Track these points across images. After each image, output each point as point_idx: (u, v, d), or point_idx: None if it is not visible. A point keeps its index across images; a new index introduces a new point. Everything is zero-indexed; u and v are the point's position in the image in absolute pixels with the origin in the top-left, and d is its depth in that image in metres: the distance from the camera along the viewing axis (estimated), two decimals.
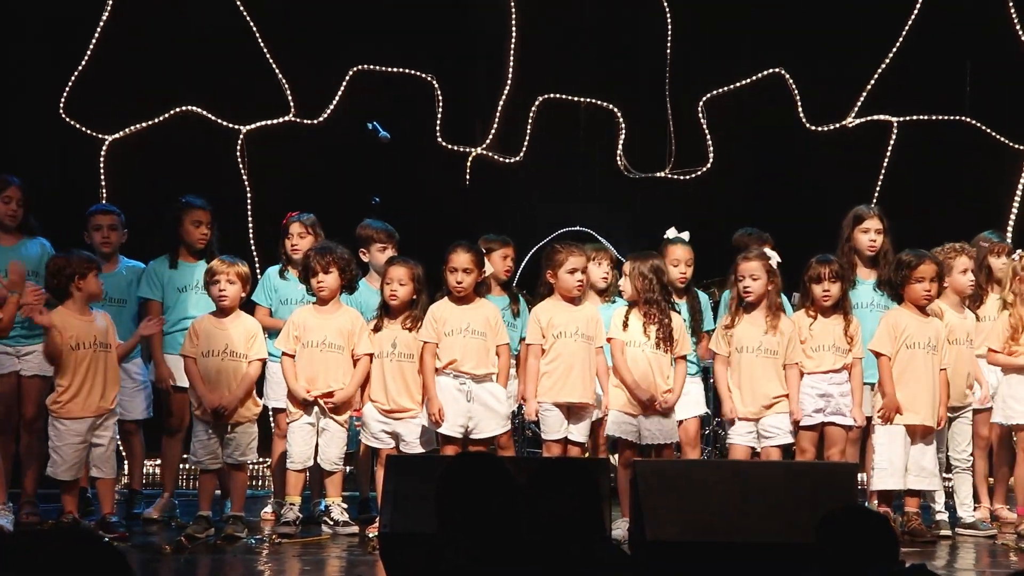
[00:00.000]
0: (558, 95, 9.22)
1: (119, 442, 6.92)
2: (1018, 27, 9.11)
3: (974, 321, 7.11)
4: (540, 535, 3.77)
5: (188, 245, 7.21)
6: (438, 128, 9.14)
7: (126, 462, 7.33)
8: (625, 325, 6.72)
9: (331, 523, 6.77)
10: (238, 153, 8.92)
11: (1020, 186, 9.07)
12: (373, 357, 6.77)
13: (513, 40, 9.16)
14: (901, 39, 9.11)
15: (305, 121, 9.01)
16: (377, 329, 6.79)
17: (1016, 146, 9.14)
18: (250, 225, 8.82)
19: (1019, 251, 7.22)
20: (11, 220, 7.00)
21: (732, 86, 9.22)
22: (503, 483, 3.67)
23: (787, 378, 6.79)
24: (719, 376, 6.85)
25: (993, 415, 7.13)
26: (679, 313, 6.86)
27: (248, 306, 7.04)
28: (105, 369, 6.56)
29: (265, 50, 8.92)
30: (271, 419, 7.24)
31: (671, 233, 7.24)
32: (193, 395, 6.73)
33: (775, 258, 6.90)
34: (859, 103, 9.17)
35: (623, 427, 6.71)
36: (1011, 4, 9.10)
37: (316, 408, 6.73)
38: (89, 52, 8.72)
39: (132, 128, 8.83)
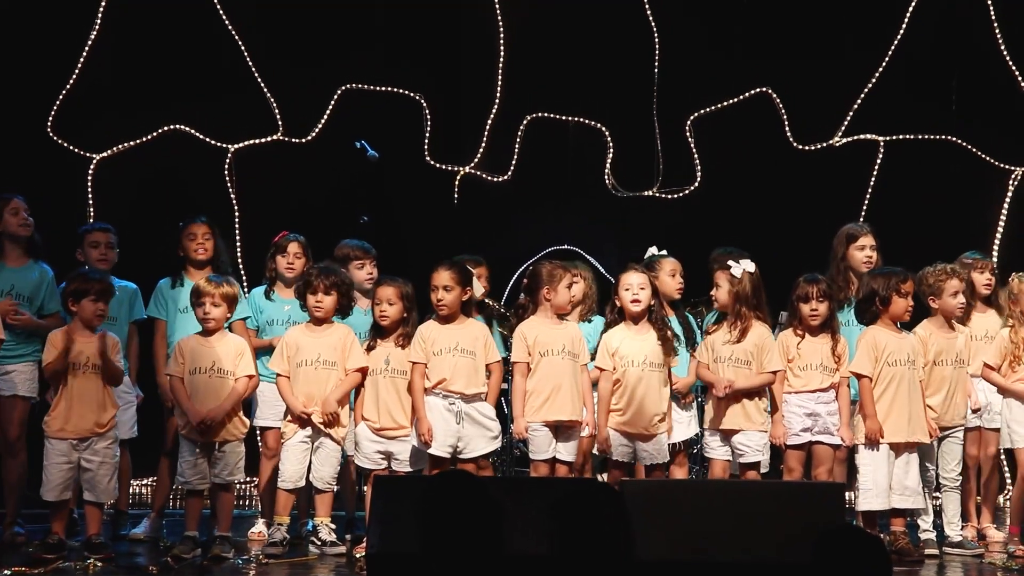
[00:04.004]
0: (546, 114, 9.25)
1: None
2: (1003, 47, 9.17)
3: (964, 340, 7.10)
4: (568, 557, 3.76)
5: (190, 260, 7.23)
6: (426, 147, 9.16)
7: None
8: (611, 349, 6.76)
9: (319, 543, 6.75)
10: (226, 172, 8.92)
11: (1006, 205, 9.11)
12: (367, 372, 6.77)
13: (501, 59, 9.19)
14: (887, 59, 9.15)
15: (294, 140, 9.01)
16: (370, 348, 6.80)
17: (1002, 165, 9.18)
18: (238, 244, 8.81)
19: (1015, 274, 7.22)
20: (25, 230, 6.99)
21: (719, 105, 9.25)
22: (482, 502, 3.68)
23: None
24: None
25: (1002, 440, 7.13)
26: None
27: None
28: (94, 391, 6.53)
29: (253, 69, 8.93)
30: (258, 439, 7.23)
31: (653, 251, 7.28)
32: (179, 414, 6.72)
33: (737, 267, 6.86)
34: (846, 122, 9.21)
35: (620, 449, 6.72)
36: (996, 24, 9.16)
37: (311, 426, 6.72)
38: (77, 71, 8.72)
39: (120, 147, 8.83)
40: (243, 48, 8.92)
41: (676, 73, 9.19)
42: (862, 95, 9.17)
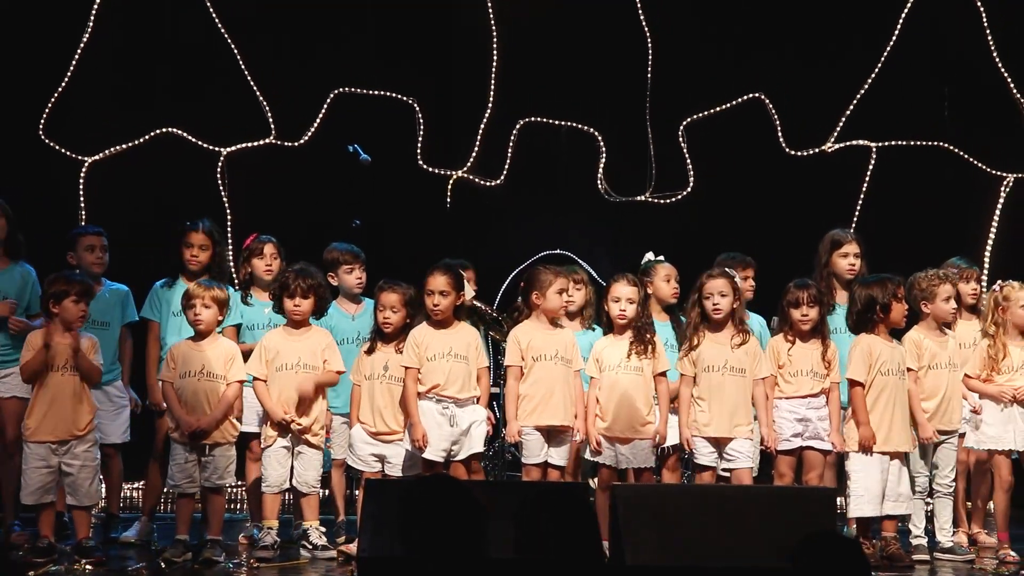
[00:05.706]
0: (539, 118, 9.25)
1: None
2: (995, 53, 9.19)
3: (955, 346, 7.11)
4: (536, 559, 3.78)
5: (183, 266, 7.22)
6: (419, 151, 9.16)
7: (103, 486, 7.28)
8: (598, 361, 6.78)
9: (310, 547, 6.74)
10: (219, 175, 8.91)
11: (997, 212, 9.12)
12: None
13: (494, 63, 9.19)
14: (880, 65, 9.17)
15: (286, 143, 9.01)
16: (370, 352, 6.80)
17: (994, 172, 9.20)
18: (230, 248, 8.79)
19: (999, 281, 7.24)
20: None
21: (712, 110, 9.26)
22: (464, 504, 3.69)
23: (754, 394, 6.77)
24: (683, 398, 6.80)
25: (966, 440, 7.15)
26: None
27: None
28: (71, 393, 6.50)
29: (246, 72, 8.92)
30: (260, 442, 7.19)
31: (650, 256, 7.28)
32: (171, 418, 6.71)
33: (738, 275, 6.91)
34: (838, 128, 9.22)
35: (605, 453, 6.72)
36: (988, 30, 9.18)
37: (291, 431, 6.72)
38: (69, 73, 8.71)
39: (112, 150, 8.82)
40: (236, 51, 8.91)
41: (669, 78, 9.19)
42: (855, 101, 9.19)
